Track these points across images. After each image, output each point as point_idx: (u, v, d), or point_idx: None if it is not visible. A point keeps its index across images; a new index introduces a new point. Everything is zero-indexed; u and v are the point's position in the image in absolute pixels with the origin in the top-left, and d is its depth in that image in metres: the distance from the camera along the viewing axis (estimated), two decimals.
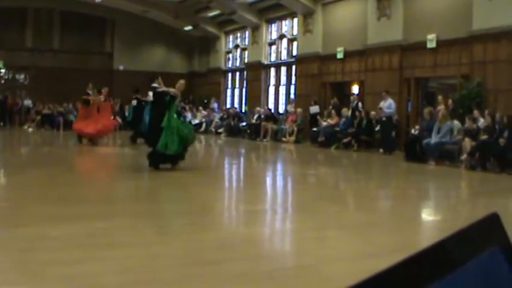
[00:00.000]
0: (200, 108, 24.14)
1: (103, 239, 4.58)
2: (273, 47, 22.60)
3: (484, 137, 11.03)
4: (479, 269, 0.48)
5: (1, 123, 23.13)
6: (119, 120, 19.67)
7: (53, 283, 3.47)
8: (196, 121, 22.92)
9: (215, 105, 24.49)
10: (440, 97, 13.73)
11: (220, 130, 21.81)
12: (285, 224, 6.06)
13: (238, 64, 25.50)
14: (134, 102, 15.63)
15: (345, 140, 15.55)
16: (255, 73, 23.20)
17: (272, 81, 22.76)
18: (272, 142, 18.47)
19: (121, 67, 27.07)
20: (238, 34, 25.38)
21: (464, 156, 11.17)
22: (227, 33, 26.05)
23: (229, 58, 26.33)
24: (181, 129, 9.29)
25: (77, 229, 4.86)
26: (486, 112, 11.61)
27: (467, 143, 11.17)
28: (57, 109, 23.03)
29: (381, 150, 14.42)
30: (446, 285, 0.46)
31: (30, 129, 21.87)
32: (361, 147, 15.17)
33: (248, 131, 20.08)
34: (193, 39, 27.84)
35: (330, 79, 18.69)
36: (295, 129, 18.17)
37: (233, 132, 21.01)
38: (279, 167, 12.73)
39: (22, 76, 24.64)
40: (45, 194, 6.92)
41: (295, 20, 20.78)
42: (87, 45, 27.09)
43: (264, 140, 18.77)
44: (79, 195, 7.04)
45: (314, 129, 17.12)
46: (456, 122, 12.01)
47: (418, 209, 7.04)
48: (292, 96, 20.86)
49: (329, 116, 16.87)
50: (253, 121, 20.14)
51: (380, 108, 14.42)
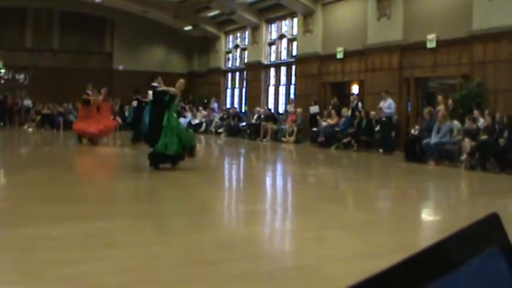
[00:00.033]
0: (200, 108, 24.14)
1: (103, 239, 4.58)
2: (273, 47, 22.59)
3: (484, 137, 11.04)
4: (478, 269, 0.48)
5: (1, 123, 23.10)
6: (119, 120, 19.68)
7: (53, 283, 3.47)
8: (196, 121, 22.94)
9: (215, 105, 24.48)
10: (440, 97, 13.74)
11: (220, 130, 21.81)
12: (285, 224, 6.06)
13: (238, 64, 25.49)
14: (135, 103, 15.67)
15: (345, 140, 15.55)
16: (255, 73, 23.20)
17: (272, 81, 22.75)
18: (272, 142, 18.47)
19: (121, 67, 27.06)
20: (238, 34, 25.37)
21: (464, 156, 11.17)
22: (227, 33, 26.05)
23: (229, 58, 26.32)
24: (181, 130, 9.31)
25: (77, 229, 4.86)
26: (486, 112, 11.61)
27: (467, 143, 11.17)
28: (57, 109, 23.02)
29: (381, 150, 14.42)
30: (445, 285, 0.46)
31: (30, 129, 21.86)
32: (361, 147, 15.17)
33: (248, 131, 20.07)
34: (193, 39, 27.83)
35: (330, 79, 18.69)
36: (295, 129, 18.17)
37: (233, 132, 21.01)
38: (279, 167, 12.73)
39: (22, 76, 24.63)
40: (45, 194, 6.92)
41: (295, 20, 20.77)
42: (86, 45, 27.08)
43: (264, 140, 18.76)
44: (79, 195, 7.04)
45: (314, 129, 17.12)
46: (456, 122, 12.01)
47: (418, 209, 7.04)
48: (292, 96, 20.85)
49: (329, 116, 16.87)
50: (253, 121, 20.13)
51: (380, 108, 14.42)
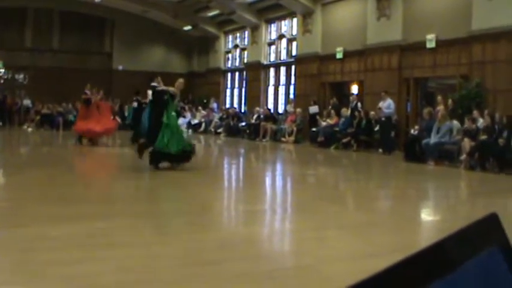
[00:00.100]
0: (199, 108, 24.14)
1: (103, 239, 4.58)
2: (273, 47, 22.59)
3: (483, 137, 11.04)
4: (478, 269, 0.49)
5: (0, 123, 23.10)
6: (119, 120, 19.68)
7: (53, 283, 3.48)
8: (195, 121, 22.94)
9: (214, 105, 24.47)
10: (439, 97, 13.74)
11: (219, 130, 21.80)
12: (285, 224, 6.06)
13: (237, 64, 25.48)
14: (135, 104, 15.69)
15: (344, 140, 15.55)
16: (255, 73, 23.20)
17: (271, 81, 22.75)
18: (271, 142, 18.46)
19: (120, 67, 27.06)
20: (237, 34, 25.37)
21: (463, 156, 11.17)
22: (226, 33, 26.04)
23: (228, 58, 26.31)
24: (181, 130, 9.31)
25: (77, 229, 4.86)
26: (485, 112, 11.61)
27: (466, 143, 11.18)
28: (56, 109, 23.01)
29: (380, 150, 14.42)
30: (445, 285, 0.47)
31: (29, 129, 21.86)
32: (360, 147, 15.17)
33: (247, 131, 20.06)
34: (192, 39, 27.82)
35: (329, 79, 18.69)
36: (294, 129, 18.17)
37: (232, 132, 21.00)
38: (279, 167, 12.73)
39: (21, 76, 24.61)
40: (45, 194, 6.92)
41: (294, 20, 20.77)
42: (86, 45, 27.08)
43: (264, 140, 18.76)
44: (79, 195, 7.04)
45: (313, 129, 17.13)
46: (455, 122, 12.02)
47: (418, 209, 7.04)
48: (291, 96, 20.86)
49: (328, 116, 16.87)
50: (252, 121, 20.13)
51: (379, 108, 14.42)
